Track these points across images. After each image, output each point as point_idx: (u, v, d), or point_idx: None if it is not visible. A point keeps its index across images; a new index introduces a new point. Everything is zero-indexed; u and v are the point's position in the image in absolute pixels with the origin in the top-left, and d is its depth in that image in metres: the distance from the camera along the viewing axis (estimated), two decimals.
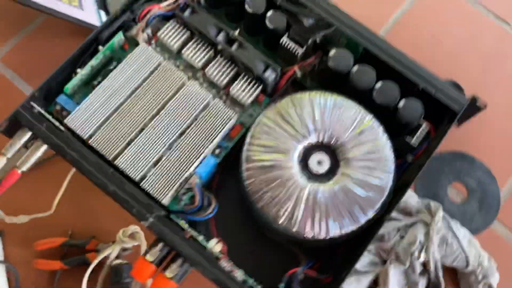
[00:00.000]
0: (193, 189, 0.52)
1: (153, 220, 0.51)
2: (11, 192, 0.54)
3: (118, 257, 0.61)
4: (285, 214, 0.51)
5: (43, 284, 0.63)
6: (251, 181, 0.52)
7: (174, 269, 0.50)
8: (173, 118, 0.54)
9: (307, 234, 0.51)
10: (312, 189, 0.52)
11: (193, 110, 0.55)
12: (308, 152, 0.54)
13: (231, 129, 0.56)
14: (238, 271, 0.51)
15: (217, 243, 0.51)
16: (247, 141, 0.54)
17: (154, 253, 0.50)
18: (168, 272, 0.50)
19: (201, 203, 0.52)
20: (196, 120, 0.55)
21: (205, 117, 0.55)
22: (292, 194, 0.52)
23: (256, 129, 0.54)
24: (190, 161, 0.53)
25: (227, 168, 0.57)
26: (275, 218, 0.52)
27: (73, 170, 0.55)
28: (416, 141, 0.57)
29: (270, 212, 0.52)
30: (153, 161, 0.53)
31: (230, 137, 0.56)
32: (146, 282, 0.57)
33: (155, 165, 0.53)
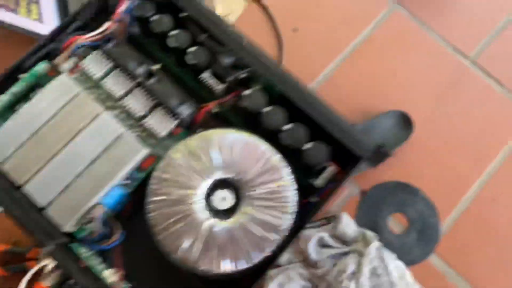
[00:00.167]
0: (94, 219, 0.54)
1: (52, 247, 0.52)
2: None
3: None
4: (183, 248, 0.53)
5: None
6: (154, 214, 0.54)
7: None
8: (83, 148, 0.56)
9: (202, 269, 0.53)
10: (212, 225, 0.53)
11: (104, 141, 0.56)
12: (213, 188, 0.55)
13: (143, 161, 0.57)
14: None
15: (113, 273, 0.53)
16: (154, 175, 0.55)
17: (54, 277, 0.52)
18: None
19: (101, 233, 0.53)
20: (106, 151, 0.56)
21: (115, 149, 0.56)
22: (192, 229, 0.53)
23: (163, 163, 0.55)
24: (95, 191, 0.55)
25: (141, 197, 0.58)
26: (173, 251, 0.53)
27: None
28: (322, 182, 0.58)
29: (169, 245, 0.53)
30: (60, 189, 0.55)
31: (142, 168, 0.58)
32: None
33: (61, 193, 0.55)
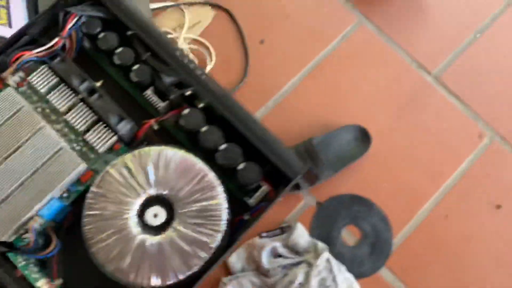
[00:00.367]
0: (29, 230, 0.56)
1: None
2: None
3: None
4: (113, 261, 0.55)
5: None
6: (88, 228, 0.56)
7: None
8: (24, 161, 0.58)
9: (132, 282, 0.55)
10: (143, 240, 0.55)
11: (44, 154, 0.58)
12: (147, 204, 0.57)
13: (82, 175, 0.59)
14: None
15: (46, 283, 0.55)
16: (90, 189, 0.57)
17: None
18: None
19: (35, 243, 0.56)
20: (45, 164, 0.58)
21: (54, 162, 0.58)
22: (124, 244, 0.55)
23: (100, 178, 0.57)
24: (33, 202, 0.57)
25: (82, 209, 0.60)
26: (104, 264, 0.55)
27: None
28: (254, 201, 0.60)
29: (102, 258, 0.55)
30: None
31: (81, 181, 0.60)
32: None
33: (0, 203, 0.57)
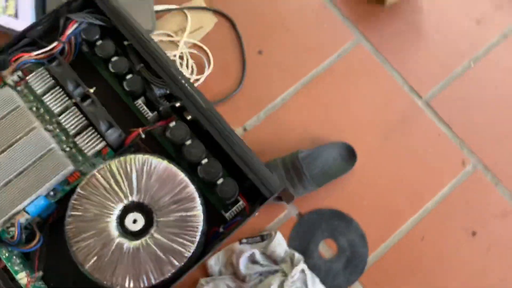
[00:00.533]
0: (15, 224, 0.59)
1: None
2: None
3: None
4: (91, 261, 0.58)
5: None
6: (70, 227, 0.59)
7: None
8: (15, 158, 0.61)
9: (107, 283, 0.58)
10: (121, 244, 0.59)
11: (34, 153, 0.61)
12: (127, 209, 0.60)
13: (69, 175, 0.62)
14: None
15: (25, 276, 0.58)
16: (76, 190, 0.60)
17: None
18: None
19: (18, 238, 0.59)
20: (35, 163, 0.61)
21: (44, 161, 0.61)
22: (102, 246, 0.58)
23: (85, 180, 0.60)
24: (21, 198, 0.60)
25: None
26: (83, 263, 0.58)
27: None
28: (230, 215, 0.63)
29: (80, 258, 0.58)
30: None
31: (68, 182, 0.63)
32: None
33: None
